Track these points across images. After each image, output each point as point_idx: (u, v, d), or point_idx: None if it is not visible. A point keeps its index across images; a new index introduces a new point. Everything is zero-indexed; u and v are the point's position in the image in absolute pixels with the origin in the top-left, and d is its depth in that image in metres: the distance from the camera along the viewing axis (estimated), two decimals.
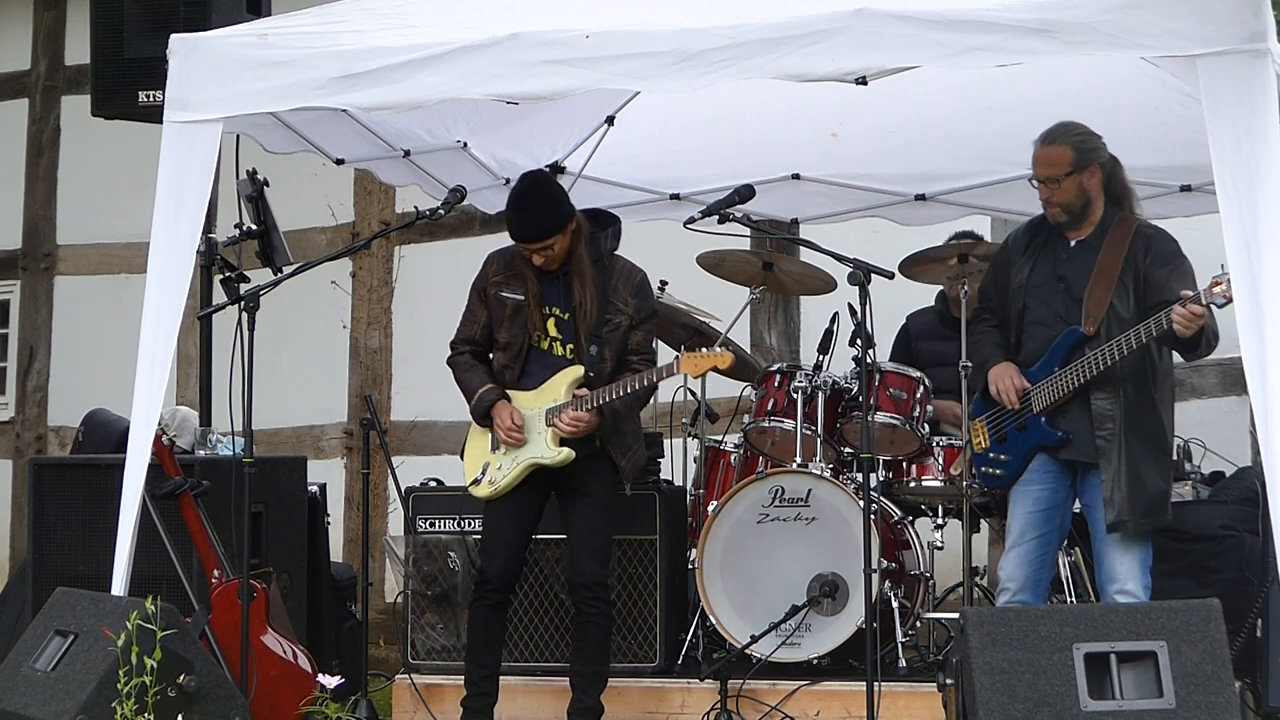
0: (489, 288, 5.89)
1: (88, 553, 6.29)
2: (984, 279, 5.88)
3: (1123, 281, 5.48)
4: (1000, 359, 5.65)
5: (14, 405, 10.20)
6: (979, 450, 5.72)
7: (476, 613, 5.89)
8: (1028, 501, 5.58)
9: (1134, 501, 5.38)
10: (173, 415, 6.43)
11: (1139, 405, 5.45)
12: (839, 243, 5.77)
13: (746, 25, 5.07)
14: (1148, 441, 5.44)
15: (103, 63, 6.65)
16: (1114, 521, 5.38)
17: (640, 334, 5.84)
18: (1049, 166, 5.56)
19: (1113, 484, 5.38)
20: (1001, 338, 5.70)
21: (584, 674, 5.88)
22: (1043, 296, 5.60)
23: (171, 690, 5.09)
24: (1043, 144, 5.59)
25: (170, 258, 5.53)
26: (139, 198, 6.30)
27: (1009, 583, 5.54)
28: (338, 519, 8.52)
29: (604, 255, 5.85)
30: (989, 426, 5.68)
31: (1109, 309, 5.45)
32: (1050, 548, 5.61)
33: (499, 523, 5.87)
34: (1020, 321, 5.63)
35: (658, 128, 7.49)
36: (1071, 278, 5.55)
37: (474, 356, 5.93)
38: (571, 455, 5.74)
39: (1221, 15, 4.75)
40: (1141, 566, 5.44)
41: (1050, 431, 5.52)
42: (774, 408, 6.74)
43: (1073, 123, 5.63)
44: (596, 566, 5.82)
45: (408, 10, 5.56)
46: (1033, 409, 5.54)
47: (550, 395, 5.78)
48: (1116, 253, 5.51)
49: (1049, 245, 5.64)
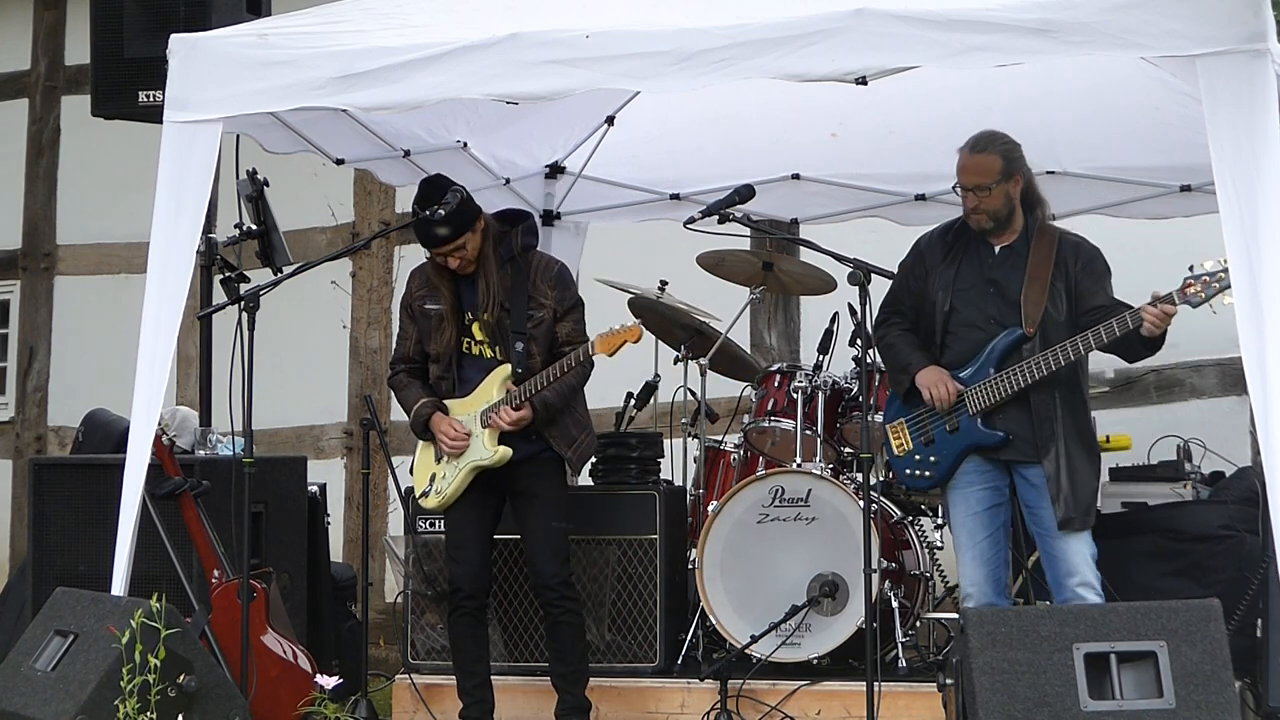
0: (414, 303, 5.93)
1: (88, 553, 6.29)
2: (894, 283, 5.82)
3: (1055, 286, 5.55)
4: (924, 361, 5.66)
5: (14, 405, 10.20)
6: (900, 454, 5.73)
7: (456, 623, 5.91)
8: (970, 504, 5.63)
9: (1078, 499, 5.47)
10: (173, 415, 6.42)
11: (1072, 404, 5.54)
12: (839, 243, 5.77)
13: (746, 25, 5.08)
14: (1081, 440, 5.54)
15: (103, 63, 6.65)
16: (1064, 519, 5.45)
17: (568, 324, 5.83)
18: (979, 175, 5.58)
19: (1057, 482, 5.46)
20: (919, 340, 5.72)
21: (564, 674, 5.91)
22: (972, 299, 5.62)
23: (172, 690, 5.09)
24: (971, 152, 5.62)
25: (170, 258, 5.53)
26: (139, 198, 6.30)
27: (970, 588, 5.60)
28: (338, 519, 8.52)
29: (517, 252, 5.84)
30: (911, 429, 5.69)
31: (1045, 312, 5.51)
32: (1001, 544, 5.65)
33: (460, 530, 5.89)
34: (946, 323, 5.65)
35: (658, 128, 7.49)
36: (1003, 281, 5.59)
37: (409, 374, 5.95)
38: (509, 453, 5.74)
39: (1221, 15, 4.75)
40: (1093, 557, 5.51)
41: (989, 433, 5.55)
42: (774, 408, 6.74)
43: (997, 131, 5.67)
44: (556, 565, 5.84)
45: (408, 10, 5.56)
46: (968, 411, 5.56)
47: (483, 398, 5.79)
48: (1045, 258, 5.58)
49: (971, 250, 5.68)
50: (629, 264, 7.91)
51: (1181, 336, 5.74)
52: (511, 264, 5.82)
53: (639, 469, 6.70)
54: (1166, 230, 7.50)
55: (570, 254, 7.97)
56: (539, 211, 7.93)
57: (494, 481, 5.85)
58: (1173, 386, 8.10)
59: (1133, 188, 7.39)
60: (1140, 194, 7.42)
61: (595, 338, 5.70)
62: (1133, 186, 7.39)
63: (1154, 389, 8.12)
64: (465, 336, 5.85)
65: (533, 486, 5.85)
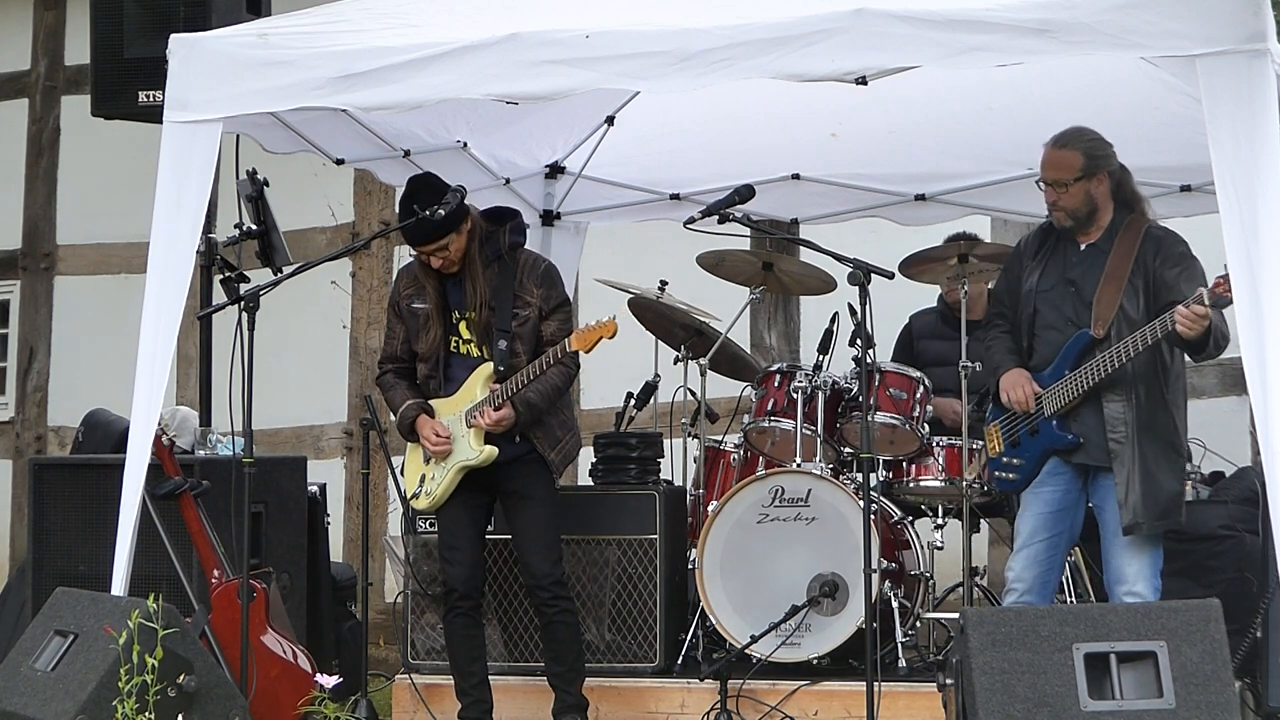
0: (401, 302, 5.92)
1: (88, 553, 6.29)
2: (997, 283, 5.86)
3: (1132, 283, 5.46)
4: (1012, 365, 5.63)
5: (14, 405, 10.20)
6: (994, 455, 5.71)
7: (451, 624, 5.91)
8: (1039, 503, 5.57)
9: (1148, 504, 5.37)
10: (173, 415, 6.42)
11: (1151, 407, 5.44)
12: (839, 243, 5.77)
13: (746, 25, 5.07)
14: (1160, 443, 5.43)
15: (103, 63, 6.65)
16: (1129, 524, 5.37)
17: (554, 324, 5.81)
18: (1058, 170, 5.53)
19: (1127, 486, 5.37)
20: (1014, 343, 5.69)
21: (561, 673, 5.91)
22: (1052, 300, 5.58)
23: (171, 690, 5.09)
24: (1054, 147, 5.57)
25: (170, 258, 5.53)
26: (139, 198, 6.30)
27: (1017, 583, 5.55)
28: (338, 519, 8.52)
29: (504, 251, 5.84)
30: (1003, 431, 5.66)
31: (1119, 311, 5.44)
32: (1059, 550, 5.60)
33: (452, 531, 5.89)
34: (1031, 326, 5.62)
35: (658, 128, 7.49)
36: (1081, 281, 5.54)
37: (396, 375, 5.95)
38: (494, 452, 5.73)
39: (1221, 15, 4.75)
40: (1152, 569, 5.43)
41: (1061, 435, 5.50)
42: (774, 408, 6.74)
43: (1085, 128, 5.61)
44: (549, 565, 5.84)
45: (408, 10, 5.56)
46: (1044, 413, 5.53)
47: (467, 397, 5.79)
48: (1126, 255, 5.50)
49: (1059, 249, 5.63)
50: (629, 264, 7.91)
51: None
52: (499, 262, 5.82)
53: (639, 469, 6.70)
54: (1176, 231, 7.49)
55: (570, 254, 7.98)
56: (539, 211, 7.93)
57: (484, 481, 5.84)
58: None
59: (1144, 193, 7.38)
60: None
61: (572, 334, 5.69)
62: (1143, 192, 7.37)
63: None
64: (452, 335, 5.85)
65: (522, 487, 5.84)
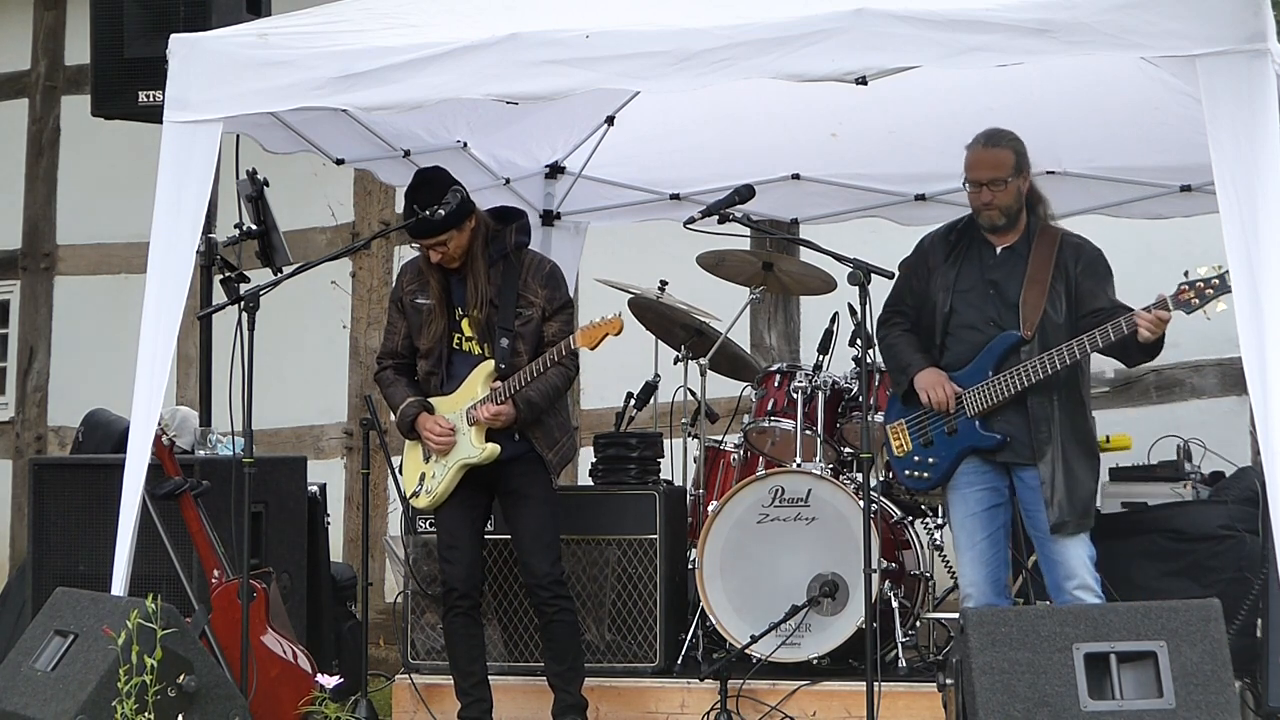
0: (404, 297, 5.92)
1: (88, 553, 6.29)
2: (896, 282, 5.81)
3: (1055, 288, 5.53)
4: (923, 363, 5.65)
5: (14, 405, 10.20)
6: (900, 454, 5.73)
7: (451, 624, 5.91)
8: (968, 504, 5.63)
9: (1072, 503, 5.46)
10: (173, 415, 6.42)
11: (1071, 407, 5.53)
12: (839, 243, 5.76)
13: (746, 25, 5.07)
14: (1079, 443, 5.53)
15: (103, 63, 6.64)
16: (1056, 523, 5.45)
17: (556, 324, 5.81)
18: (994, 169, 5.57)
19: (1051, 485, 5.45)
20: (919, 341, 5.71)
21: (560, 673, 5.91)
22: (972, 300, 5.62)
23: (171, 690, 5.09)
24: (986, 146, 5.61)
25: (170, 258, 5.53)
26: (139, 198, 6.30)
27: (969, 588, 5.61)
28: (338, 519, 8.52)
29: (510, 250, 5.84)
30: (911, 430, 5.69)
31: (1043, 314, 5.50)
32: (1000, 545, 5.65)
33: (451, 531, 5.88)
34: (946, 324, 5.65)
35: (658, 128, 7.49)
36: (1003, 283, 5.58)
37: (396, 371, 5.94)
38: (497, 450, 5.73)
39: (1221, 15, 4.75)
40: (1091, 560, 5.51)
41: (986, 435, 5.55)
42: (774, 408, 6.74)
43: (1005, 129, 5.67)
44: (548, 564, 5.84)
45: (408, 10, 5.56)
46: (966, 413, 5.56)
47: (468, 394, 5.79)
48: (1045, 259, 5.56)
49: (973, 250, 5.67)
50: (629, 264, 7.91)
51: (1182, 337, 5.74)
52: (504, 261, 5.82)
53: (639, 469, 6.70)
54: (1166, 230, 7.51)
55: (570, 254, 7.97)
56: (539, 212, 7.92)
57: (483, 480, 5.84)
58: (1173, 386, 8.11)
59: (1133, 188, 7.39)
60: (1140, 194, 7.42)
61: (576, 331, 5.70)
62: (1133, 186, 7.39)
63: (1154, 389, 8.12)
64: (455, 332, 5.85)
65: (521, 486, 5.84)
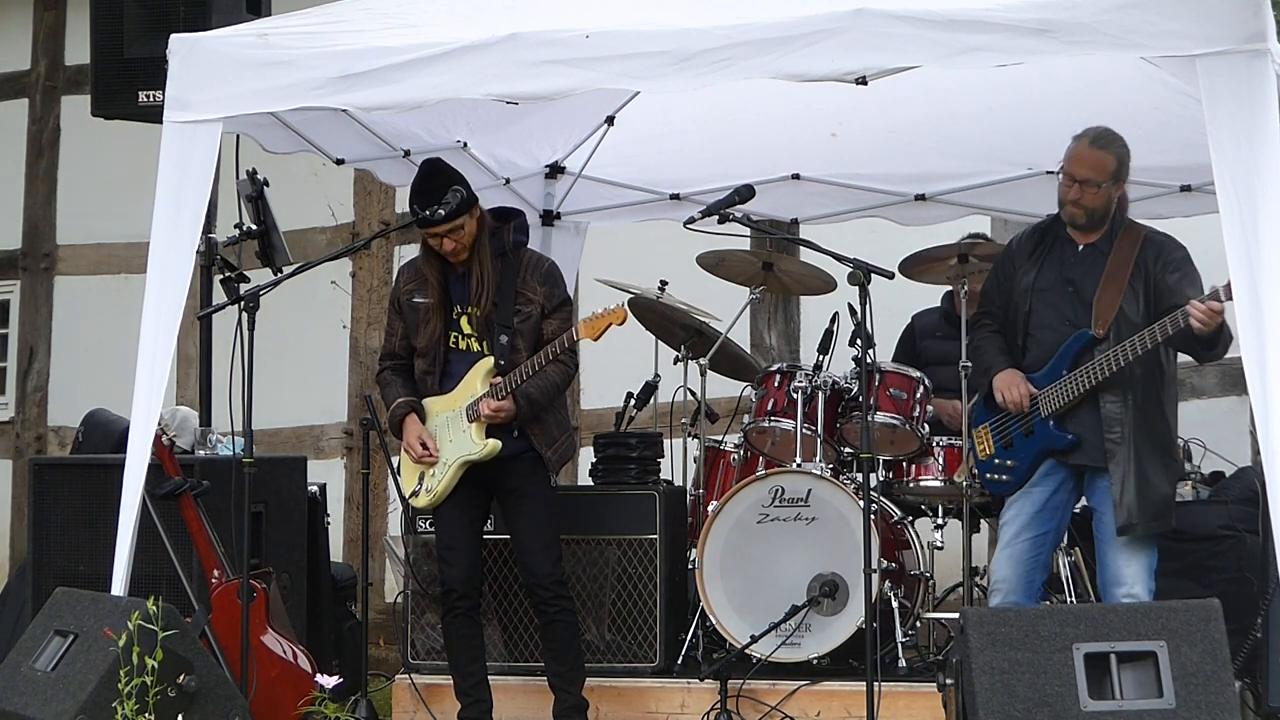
0: (401, 297, 5.92)
1: (88, 553, 6.29)
2: (986, 282, 5.83)
3: (1133, 286, 5.46)
4: (1004, 365, 5.61)
5: (14, 405, 10.20)
6: (983, 457, 5.69)
7: (450, 624, 5.90)
8: (1027, 502, 5.56)
9: (1143, 505, 5.37)
10: (173, 415, 6.43)
11: (1147, 409, 5.43)
12: (839, 243, 5.77)
13: (746, 25, 5.07)
14: (1155, 445, 5.43)
15: (103, 63, 6.64)
16: (1123, 525, 5.37)
17: (555, 322, 5.82)
18: (1093, 170, 5.51)
19: (1121, 487, 5.37)
20: (1004, 342, 5.67)
21: (561, 673, 5.91)
22: (1050, 300, 5.57)
23: (171, 690, 5.09)
24: (1092, 145, 5.53)
25: (170, 258, 5.53)
26: (139, 198, 6.30)
27: (1000, 583, 5.55)
28: (338, 519, 8.53)
29: (508, 248, 5.84)
30: (993, 432, 5.65)
31: (1119, 312, 5.44)
32: (1044, 548, 5.59)
33: (450, 531, 5.88)
34: (1026, 325, 5.60)
35: (658, 128, 7.49)
36: (1080, 281, 5.53)
37: (394, 371, 5.94)
38: (498, 446, 5.73)
39: (1221, 15, 4.75)
40: (1148, 570, 5.43)
41: (1059, 435, 5.49)
42: (774, 408, 6.74)
43: (1116, 133, 5.59)
44: (549, 564, 5.83)
45: (408, 10, 5.56)
46: (1040, 414, 5.52)
47: (468, 392, 5.78)
48: (1126, 257, 5.49)
49: (1055, 249, 5.62)
50: (629, 264, 7.90)
51: None
52: (502, 259, 5.82)
53: (639, 469, 6.70)
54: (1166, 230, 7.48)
55: (570, 254, 7.98)
56: (539, 211, 7.93)
57: (482, 479, 5.84)
58: None
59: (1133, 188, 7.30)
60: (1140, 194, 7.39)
61: (579, 322, 5.70)
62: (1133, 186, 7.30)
63: None
64: (453, 330, 5.85)
65: (520, 485, 5.84)
